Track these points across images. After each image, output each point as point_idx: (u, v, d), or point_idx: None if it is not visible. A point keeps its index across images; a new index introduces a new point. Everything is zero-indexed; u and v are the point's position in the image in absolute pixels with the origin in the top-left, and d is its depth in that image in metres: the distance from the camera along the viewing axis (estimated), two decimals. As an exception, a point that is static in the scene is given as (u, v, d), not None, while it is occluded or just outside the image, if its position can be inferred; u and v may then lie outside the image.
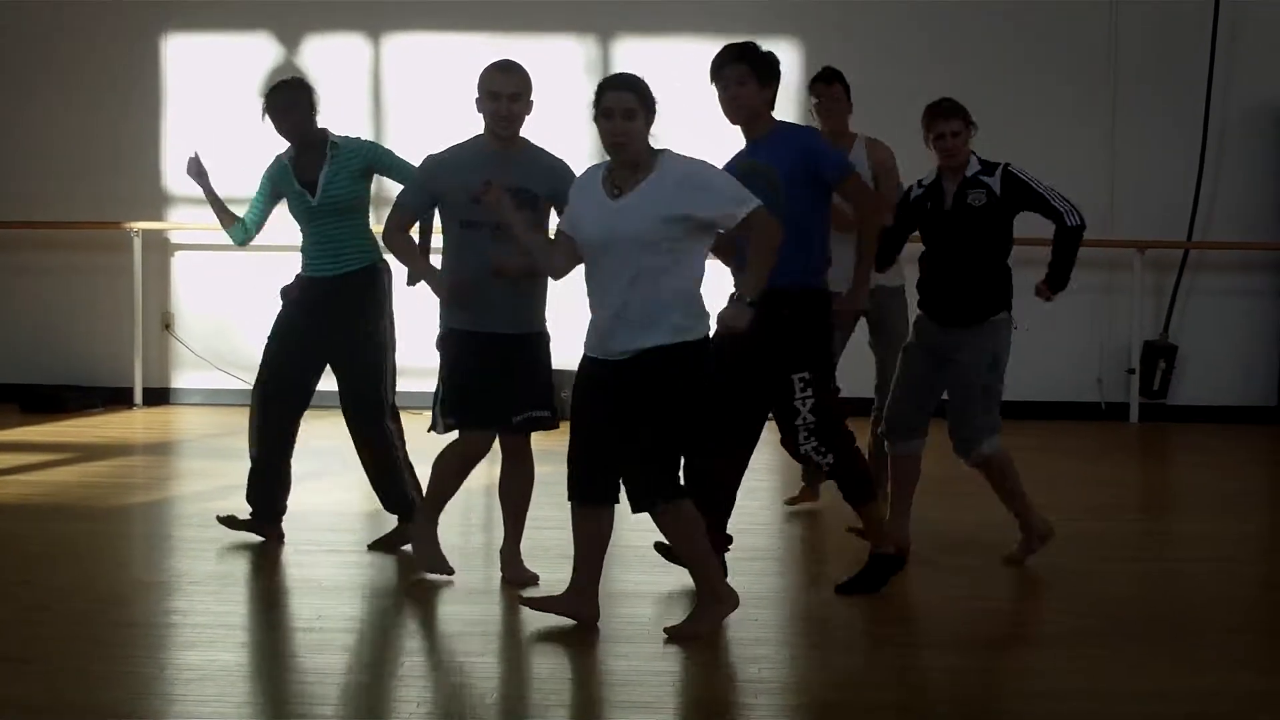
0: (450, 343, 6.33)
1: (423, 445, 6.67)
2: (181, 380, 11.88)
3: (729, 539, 6.47)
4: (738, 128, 6.36)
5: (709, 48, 11.09)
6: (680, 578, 6.18)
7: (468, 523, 7.40)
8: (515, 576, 6.36)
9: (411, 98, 11.51)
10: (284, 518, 7.03)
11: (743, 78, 6.22)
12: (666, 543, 6.18)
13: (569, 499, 5.74)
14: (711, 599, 5.73)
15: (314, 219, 6.86)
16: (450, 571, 6.38)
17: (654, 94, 5.62)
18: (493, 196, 5.87)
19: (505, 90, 6.21)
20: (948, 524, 7.48)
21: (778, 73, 6.35)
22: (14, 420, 10.76)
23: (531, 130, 6.34)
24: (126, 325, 11.64)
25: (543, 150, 6.35)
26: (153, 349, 11.77)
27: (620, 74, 5.78)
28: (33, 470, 8.87)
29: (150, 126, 11.75)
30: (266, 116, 6.91)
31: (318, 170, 6.83)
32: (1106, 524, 7.92)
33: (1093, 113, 11.56)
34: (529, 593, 6.09)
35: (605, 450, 5.65)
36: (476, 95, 6.24)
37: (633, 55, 11.45)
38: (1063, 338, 11.55)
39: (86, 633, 5.65)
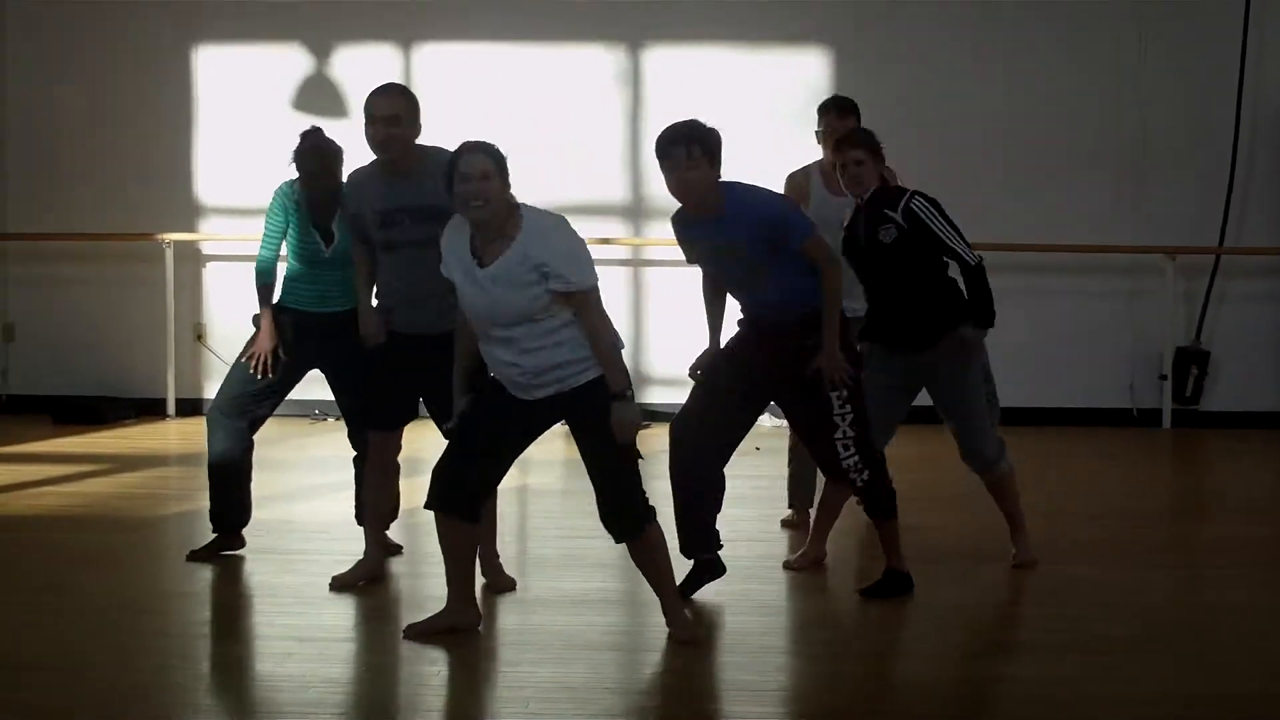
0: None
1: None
2: (214, 391, 11.68)
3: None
4: (765, 132, 6.30)
5: (738, 56, 11.33)
6: (706, 589, 6.27)
7: (501, 531, 7.41)
8: (495, 583, 6.38)
9: (442, 107, 11.51)
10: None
11: (695, 161, 5.92)
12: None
13: (429, 506, 5.68)
14: (680, 606, 5.76)
15: (322, 264, 6.80)
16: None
17: (503, 154, 5.43)
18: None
19: (381, 113, 6.13)
20: (959, 530, 7.45)
21: (720, 148, 6.03)
22: (48, 431, 10.81)
23: (563, 137, 6.30)
24: (159, 336, 11.69)
25: (438, 151, 6.07)
26: (185, 360, 11.81)
27: (470, 142, 5.47)
28: (67, 481, 8.91)
29: (182, 138, 11.79)
30: (297, 167, 6.69)
31: (331, 219, 6.69)
32: (1138, 530, 7.88)
33: (1122, 118, 11.51)
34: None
35: (480, 469, 5.66)
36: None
37: (662, 64, 11.46)
38: (1095, 344, 11.53)
39: (118, 643, 5.68)
